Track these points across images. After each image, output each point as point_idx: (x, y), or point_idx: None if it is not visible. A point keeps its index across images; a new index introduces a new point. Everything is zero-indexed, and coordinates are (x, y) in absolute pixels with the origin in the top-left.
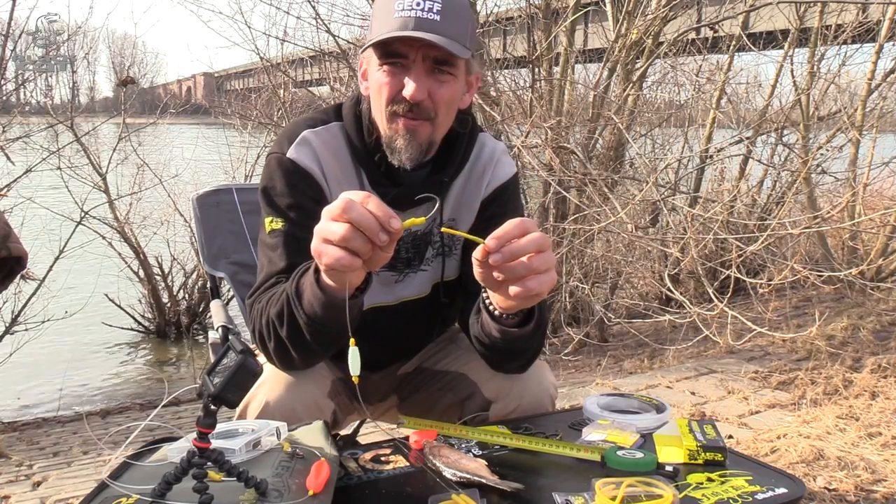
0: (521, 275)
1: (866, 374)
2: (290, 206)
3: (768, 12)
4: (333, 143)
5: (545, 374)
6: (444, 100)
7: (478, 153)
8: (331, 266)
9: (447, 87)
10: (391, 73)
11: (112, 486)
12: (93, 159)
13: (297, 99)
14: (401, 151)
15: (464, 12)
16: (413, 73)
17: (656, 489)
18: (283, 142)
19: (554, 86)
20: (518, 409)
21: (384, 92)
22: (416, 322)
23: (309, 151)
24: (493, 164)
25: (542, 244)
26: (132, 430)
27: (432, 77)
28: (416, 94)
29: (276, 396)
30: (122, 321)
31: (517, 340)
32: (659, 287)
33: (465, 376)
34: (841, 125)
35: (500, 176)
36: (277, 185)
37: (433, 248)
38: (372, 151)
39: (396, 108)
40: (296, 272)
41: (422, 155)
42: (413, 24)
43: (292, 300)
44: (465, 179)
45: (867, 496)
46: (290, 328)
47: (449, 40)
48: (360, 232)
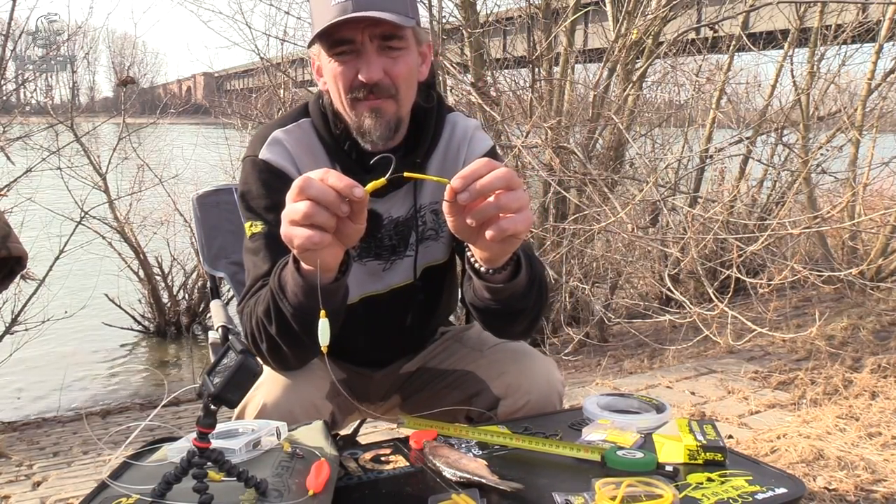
0: (492, 214)
1: (866, 374)
2: (268, 208)
3: (768, 12)
4: (305, 139)
5: (553, 372)
6: (401, 74)
7: (450, 133)
8: (302, 247)
9: (402, 61)
10: (343, 61)
11: (112, 486)
12: (93, 159)
13: (297, 99)
14: (370, 132)
15: None
16: (364, 55)
17: (656, 489)
18: (255, 144)
19: (554, 86)
20: (527, 406)
21: (340, 81)
22: (408, 310)
23: (281, 150)
24: (468, 141)
25: (511, 181)
26: (132, 430)
27: (384, 55)
28: (373, 74)
29: (274, 398)
30: (122, 321)
31: (510, 298)
32: (659, 287)
33: (472, 374)
34: (841, 125)
35: (476, 151)
36: (253, 188)
37: (416, 233)
38: (341, 142)
39: (356, 94)
40: (276, 267)
41: (391, 132)
42: (351, 7)
43: (276, 294)
44: (440, 161)
45: (867, 496)
46: (278, 323)
47: (389, 13)
48: (323, 207)
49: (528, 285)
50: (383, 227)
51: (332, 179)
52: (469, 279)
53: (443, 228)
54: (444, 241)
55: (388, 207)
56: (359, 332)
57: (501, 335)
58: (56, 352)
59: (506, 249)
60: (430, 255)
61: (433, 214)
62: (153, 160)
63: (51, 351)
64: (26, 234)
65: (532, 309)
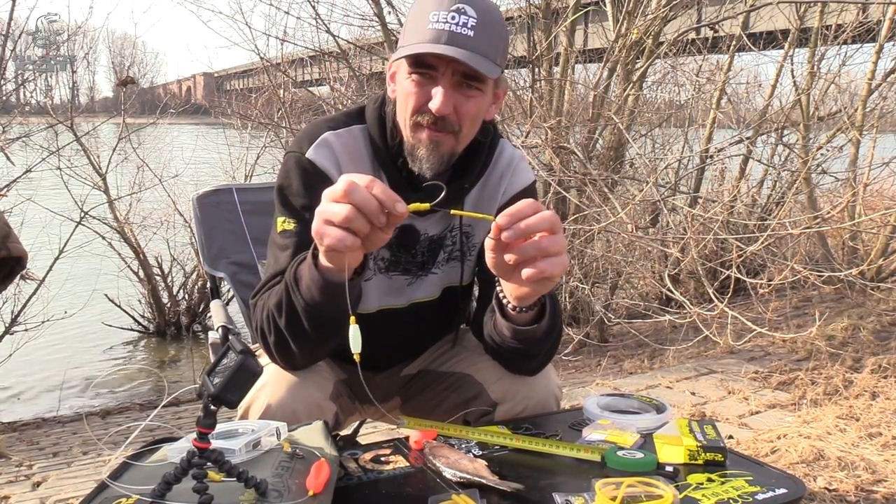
0: (532, 255)
1: (866, 375)
2: (305, 207)
3: (768, 12)
4: (353, 145)
5: (551, 376)
6: (469, 114)
7: (496, 160)
8: (332, 247)
9: (473, 102)
10: (419, 83)
11: (112, 486)
12: (93, 159)
13: (297, 99)
14: (422, 160)
15: (498, 28)
16: (440, 85)
17: (656, 489)
18: (302, 142)
19: (554, 86)
20: (525, 411)
21: (410, 101)
22: (423, 324)
23: (328, 153)
24: (511, 171)
25: (554, 225)
26: (132, 430)
27: (459, 91)
28: (442, 108)
29: (278, 398)
30: (121, 321)
31: (529, 340)
32: (659, 287)
33: (470, 377)
34: (841, 125)
35: (517, 184)
36: (293, 185)
37: (445, 251)
38: (395, 156)
39: (421, 119)
40: (294, 261)
41: (443, 166)
42: (446, 38)
43: (290, 287)
44: (481, 186)
45: (867, 496)
46: (288, 316)
47: (480, 57)
48: (363, 214)
49: (547, 331)
50: (419, 243)
51: (377, 190)
52: (491, 313)
53: (471, 252)
54: (469, 263)
55: (426, 226)
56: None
57: (509, 369)
58: (56, 352)
59: (538, 290)
60: (455, 276)
61: (465, 237)
62: (153, 160)
63: (51, 351)
64: (26, 234)
65: (545, 355)
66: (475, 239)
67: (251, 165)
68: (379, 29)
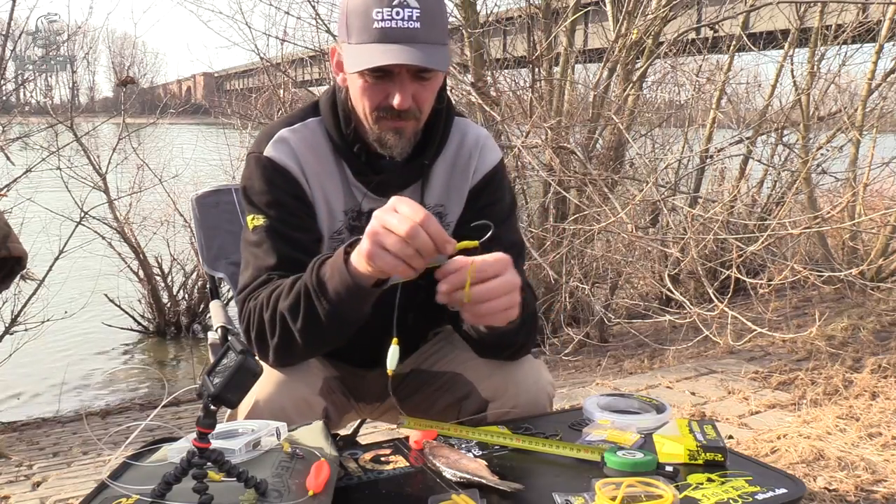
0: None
1: (866, 375)
2: (270, 204)
3: (768, 12)
4: (312, 139)
5: (542, 374)
6: (427, 100)
7: (461, 140)
8: (383, 270)
9: (430, 88)
10: (374, 81)
11: (112, 486)
12: (93, 159)
13: (298, 99)
14: (392, 148)
15: (439, 7)
16: (397, 83)
17: (656, 489)
18: (261, 141)
19: (554, 86)
20: (516, 409)
21: (368, 100)
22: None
23: (286, 149)
24: (479, 150)
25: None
26: (132, 430)
27: (415, 82)
28: (404, 103)
29: (266, 395)
30: (121, 321)
31: (505, 335)
32: (659, 287)
33: (461, 376)
34: (841, 125)
35: (487, 163)
36: (256, 184)
37: None
38: (351, 143)
39: (383, 113)
40: (312, 265)
41: (410, 147)
42: (394, 36)
43: (314, 291)
44: (449, 166)
45: (867, 496)
46: (307, 320)
47: (431, 47)
48: (416, 251)
49: (519, 325)
50: None
51: (433, 229)
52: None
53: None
54: None
55: None
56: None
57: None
58: (56, 352)
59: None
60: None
61: (437, 217)
62: (153, 160)
63: (51, 351)
64: (26, 234)
65: (524, 342)
66: (448, 218)
67: None
68: None
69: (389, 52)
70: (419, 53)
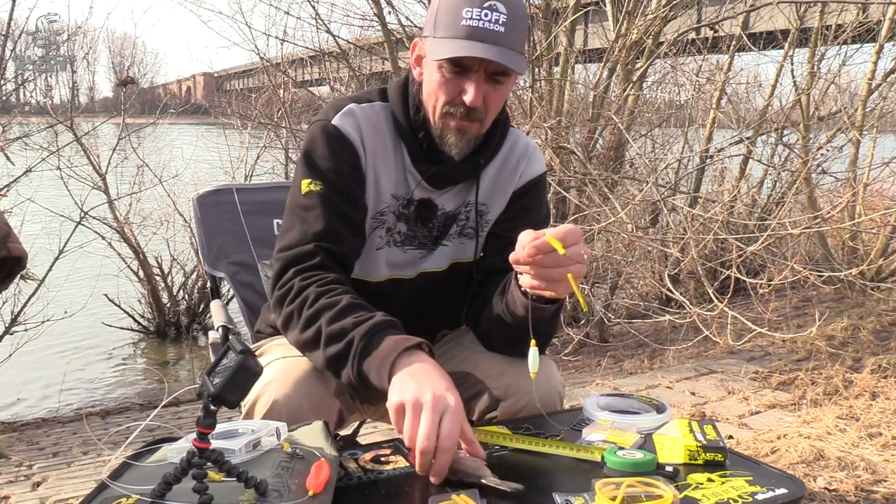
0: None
1: (866, 375)
2: (330, 170)
3: (768, 12)
4: (375, 119)
5: (553, 373)
6: (496, 104)
7: (512, 145)
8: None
9: (500, 93)
10: (452, 76)
11: (112, 486)
12: (93, 159)
13: (297, 99)
14: (451, 146)
15: (523, 20)
16: (474, 81)
17: (656, 489)
18: (329, 111)
19: (554, 86)
20: (528, 407)
21: (443, 93)
22: (428, 295)
23: (352, 121)
24: (527, 157)
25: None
26: (132, 430)
27: (489, 83)
28: (476, 102)
29: (284, 394)
30: (121, 321)
31: (540, 320)
32: (659, 287)
33: (471, 375)
34: (841, 125)
35: (533, 170)
36: (319, 149)
37: (457, 225)
38: (416, 129)
39: (453, 109)
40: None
41: (469, 149)
42: (480, 36)
43: (352, 358)
44: (498, 167)
45: (867, 497)
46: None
47: (509, 52)
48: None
49: (555, 312)
50: (435, 218)
51: (442, 459)
52: (502, 293)
53: (483, 229)
54: (482, 240)
55: (442, 201)
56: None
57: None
58: (56, 352)
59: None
60: (463, 251)
61: (479, 214)
62: (153, 160)
63: (51, 351)
64: (26, 234)
65: (552, 333)
66: (489, 216)
67: (251, 165)
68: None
69: (474, 48)
70: (501, 54)
